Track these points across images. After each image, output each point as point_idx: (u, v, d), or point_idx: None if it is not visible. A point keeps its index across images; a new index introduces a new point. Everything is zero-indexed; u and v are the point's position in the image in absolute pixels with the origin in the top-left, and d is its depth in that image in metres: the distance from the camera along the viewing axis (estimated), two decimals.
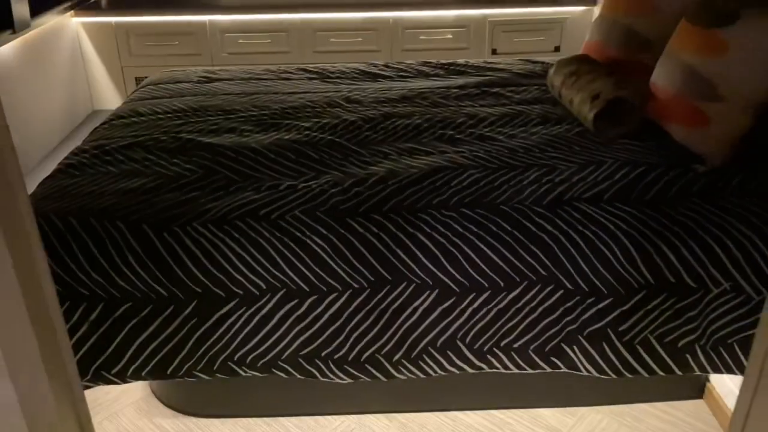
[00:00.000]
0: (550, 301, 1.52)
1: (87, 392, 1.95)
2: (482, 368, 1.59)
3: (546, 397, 1.89)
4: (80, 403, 0.85)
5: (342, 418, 1.89)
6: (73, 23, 3.54)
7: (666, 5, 2.11)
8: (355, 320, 1.52)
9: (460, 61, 2.81)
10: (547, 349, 1.56)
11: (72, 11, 3.49)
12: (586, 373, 1.59)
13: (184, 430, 1.85)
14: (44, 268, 0.74)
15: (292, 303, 1.50)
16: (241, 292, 1.49)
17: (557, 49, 3.56)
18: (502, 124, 2.09)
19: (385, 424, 1.87)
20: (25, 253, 0.70)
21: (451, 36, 3.59)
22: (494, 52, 3.59)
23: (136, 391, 1.99)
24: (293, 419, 1.88)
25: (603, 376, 1.58)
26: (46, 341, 0.77)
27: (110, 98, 3.75)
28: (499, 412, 1.91)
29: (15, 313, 0.69)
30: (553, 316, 1.54)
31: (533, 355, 1.57)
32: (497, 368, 1.60)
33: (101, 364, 1.52)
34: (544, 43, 3.57)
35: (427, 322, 1.53)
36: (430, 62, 2.80)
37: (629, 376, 1.58)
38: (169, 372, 1.54)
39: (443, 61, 2.80)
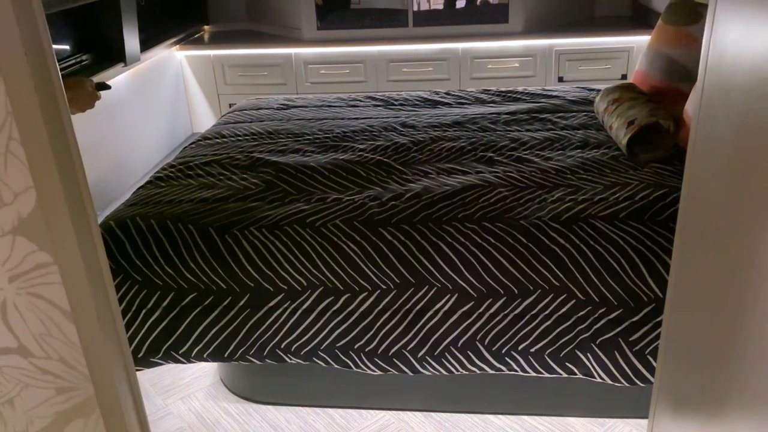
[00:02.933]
0: (563, 310, 1.65)
1: (164, 375, 2.27)
2: (501, 369, 1.74)
3: (576, 406, 1.98)
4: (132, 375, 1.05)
5: (383, 413, 2.07)
6: (178, 56, 4.02)
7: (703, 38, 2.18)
8: (384, 318, 1.71)
9: (519, 88, 2.96)
10: (562, 354, 1.69)
11: (177, 45, 3.96)
12: (600, 380, 1.69)
13: (244, 413, 2.10)
14: (107, 271, 0.96)
15: (329, 299, 1.72)
16: (286, 288, 1.73)
17: (624, 77, 3.62)
18: (542, 148, 2.23)
19: (420, 420, 2.03)
20: (92, 255, 0.94)
21: (517, 64, 3.74)
22: (561, 79, 3.70)
23: (207, 378, 2.27)
24: (339, 410, 2.09)
25: (616, 384, 1.68)
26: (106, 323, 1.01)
27: (207, 122, 4.19)
28: (530, 417, 2.02)
29: (87, 309, 0.92)
30: (567, 324, 1.66)
31: (549, 360, 1.70)
32: (516, 371, 1.74)
33: (171, 345, 1.80)
34: (611, 71, 3.64)
35: (448, 323, 1.70)
36: (489, 90, 2.98)
37: (641, 384, 1.66)
38: (226, 355, 1.80)
39: (502, 89, 2.96)
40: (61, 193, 0.85)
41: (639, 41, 3.53)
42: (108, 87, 1.71)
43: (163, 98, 3.89)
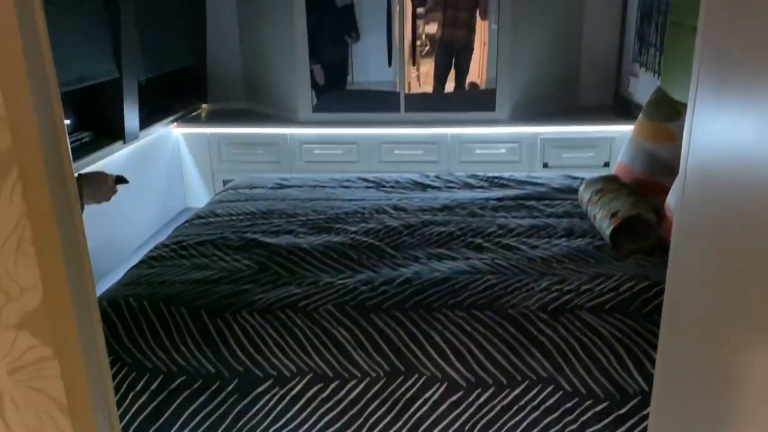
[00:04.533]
0: (550, 401, 1.66)
1: None
2: None
3: None
4: None
5: None
6: (175, 133, 4.12)
7: (683, 135, 2.30)
8: (373, 406, 1.71)
9: (505, 174, 3.06)
10: None
11: (175, 123, 4.07)
12: None
13: None
14: (106, 367, 0.98)
15: (318, 386, 1.72)
16: (275, 373, 1.73)
17: (607, 164, 3.75)
18: (529, 235, 2.30)
19: None
20: (92, 351, 0.96)
21: (504, 150, 3.87)
22: (545, 165, 3.83)
23: None
24: None
25: None
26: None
27: (200, 197, 4.25)
28: None
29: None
30: (554, 416, 1.67)
31: None
32: None
33: (157, 429, 1.78)
34: (594, 158, 3.77)
35: (437, 413, 1.70)
36: (477, 175, 3.07)
37: None
38: None
39: (489, 174, 3.06)
40: (68, 292, 0.88)
41: (621, 131, 3.68)
42: (126, 182, 1.78)
43: (159, 174, 3.96)
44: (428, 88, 4.99)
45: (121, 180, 1.80)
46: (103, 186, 1.72)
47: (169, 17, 3.89)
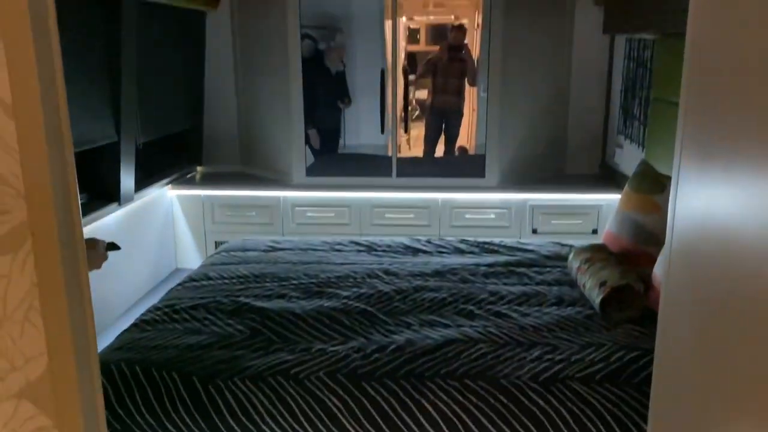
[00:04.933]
0: None
1: None
2: None
3: None
4: None
5: None
6: (169, 195, 4.16)
7: (667, 206, 2.37)
8: None
9: (496, 240, 3.11)
10: None
11: (170, 185, 4.12)
12: None
13: None
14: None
15: None
16: None
17: (595, 231, 3.82)
18: (520, 303, 2.33)
19: None
20: (93, 422, 0.97)
21: (494, 216, 3.94)
22: (535, 231, 3.90)
23: None
24: None
25: None
26: None
27: (191, 258, 4.25)
28: None
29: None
30: None
31: None
32: None
33: None
34: (582, 225, 3.85)
35: None
36: (467, 240, 3.12)
37: None
38: None
39: (480, 240, 3.11)
40: (73, 363, 0.90)
41: (608, 199, 3.77)
42: (118, 248, 1.80)
43: (151, 235, 3.98)
44: (419, 151, 5.11)
45: (112, 247, 1.81)
46: (93, 253, 1.71)
47: (169, 82, 4.00)
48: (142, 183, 3.71)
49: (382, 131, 4.36)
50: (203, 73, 4.25)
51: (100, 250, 1.71)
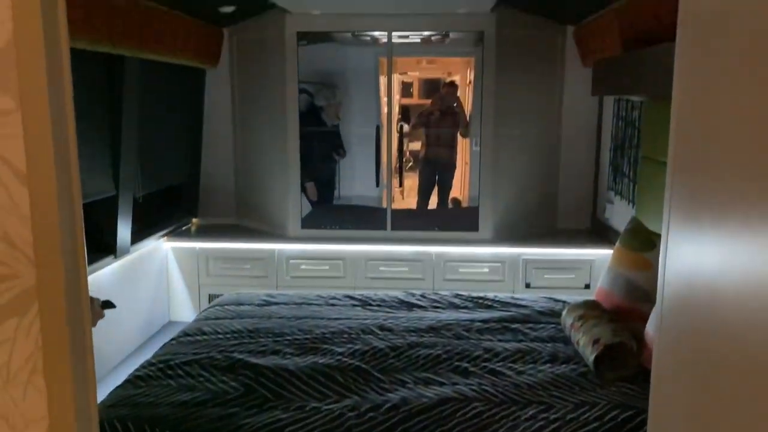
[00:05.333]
0: None
1: None
2: None
3: None
4: None
5: None
6: (164, 247, 4.18)
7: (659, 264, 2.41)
8: None
9: (490, 295, 3.13)
10: None
11: (165, 237, 4.14)
12: None
13: None
14: None
15: None
16: None
17: (587, 286, 3.85)
18: (514, 360, 2.33)
19: None
20: None
21: (487, 270, 3.97)
22: (528, 285, 3.92)
23: None
24: None
25: None
26: None
27: (185, 311, 4.24)
28: None
29: None
30: None
31: None
32: None
33: None
34: (575, 280, 3.88)
35: None
36: (461, 294, 3.14)
37: None
38: None
39: (474, 295, 3.13)
40: (74, 425, 0.90)
41: (599, 254, 3.81)
42: (113, 306, 1.81)
43: (146, 287, 3.98)
44: (412, 201, 5.17)
45: (107, 305, 1.82)
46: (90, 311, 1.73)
47: (169, 136, 4.08)
48: (138, 235, 3.73)
49: (377, 184, 4.43)
50: (201, 127, 4.33)
51: (95, 308, 1.72)
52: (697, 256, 1.04)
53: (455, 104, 4.84)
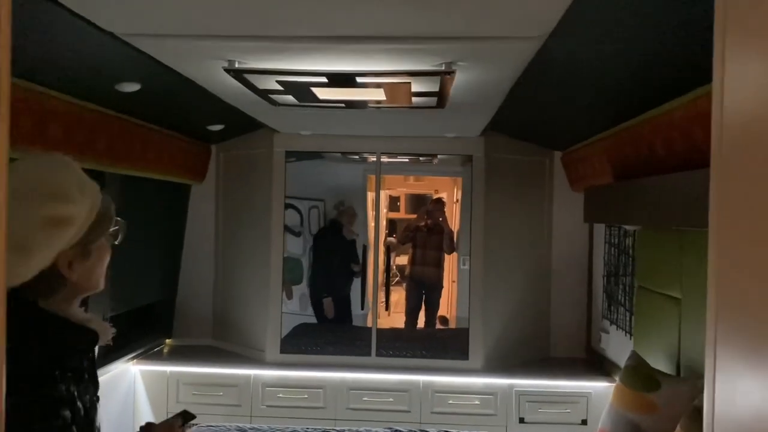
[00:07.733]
0: None
1: None
2: None
3: None
4: None
5: None
6: (132, 370, 3.90)
7: (666, 406, 2.22)
8: None
9: None
10: None
11: (135, 360, 3.87)
12: None
13: None
14: None
15: None
16: None
17: (584, 422, 3.59)
18: None
19: None
20: None
21: (478, 402, 3.71)
22: (522, 420, 3.65)
23: None
24: None
25: None
26: None
27: None
28: None
29: None
30: None
31: None
32: None
33: None
34: (571, 415, 3.62)
35: None
36: None
37: None
38: None
39: None
40: None
41: (596, 387, 3.59)
42: (194, 416, 1.64)
43: (108, 415, 3.65)
44: (398, 317, 4.95)
45: (188, 417, 1.64)
46: None
47: (147, 254, 3.91)
48: (105, 358, 3.47)
49: (362, 308, 4.25)
50: (182, 245, 4.19)
51: (176, 430, 1.56)
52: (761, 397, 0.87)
53: (441, 219, 4.77)
